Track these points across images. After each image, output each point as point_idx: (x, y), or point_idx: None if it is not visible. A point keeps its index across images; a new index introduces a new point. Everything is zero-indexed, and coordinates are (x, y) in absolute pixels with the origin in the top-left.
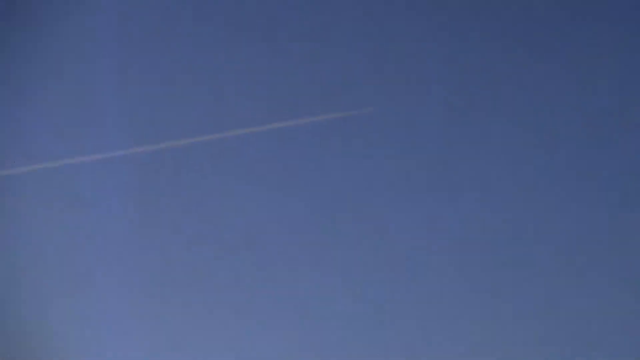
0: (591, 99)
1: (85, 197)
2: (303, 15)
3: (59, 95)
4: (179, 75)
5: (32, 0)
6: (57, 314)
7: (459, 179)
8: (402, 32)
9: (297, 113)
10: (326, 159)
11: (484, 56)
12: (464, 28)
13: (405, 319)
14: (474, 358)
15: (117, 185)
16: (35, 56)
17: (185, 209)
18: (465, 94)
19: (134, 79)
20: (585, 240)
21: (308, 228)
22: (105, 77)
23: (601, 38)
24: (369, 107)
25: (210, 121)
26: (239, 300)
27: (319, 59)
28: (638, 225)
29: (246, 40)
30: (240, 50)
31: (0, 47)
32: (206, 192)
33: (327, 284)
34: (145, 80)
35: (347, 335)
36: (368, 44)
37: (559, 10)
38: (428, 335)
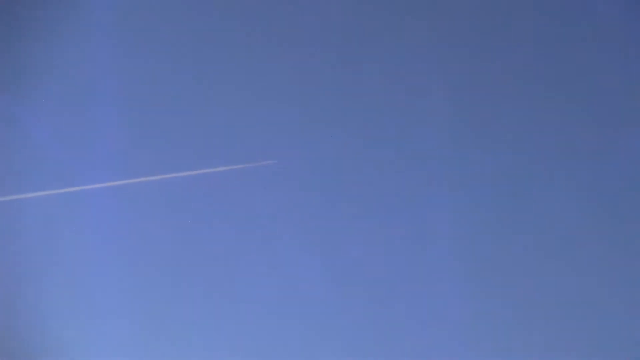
0: (591, 101)
1: (79, 226)
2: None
3: (56, 124)
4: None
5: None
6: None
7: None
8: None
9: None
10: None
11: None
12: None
13: (404, 318)
14: (473, 357)
15: (109, 215)
16: (35, 90)
17: (174, 240)
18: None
19: (131, 112)
20: (585, 239)
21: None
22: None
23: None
24: (270, 159)
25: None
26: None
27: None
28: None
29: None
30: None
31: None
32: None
33: None
34: (142, 114)
35: (346, 333)
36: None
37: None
38: (427, 334)
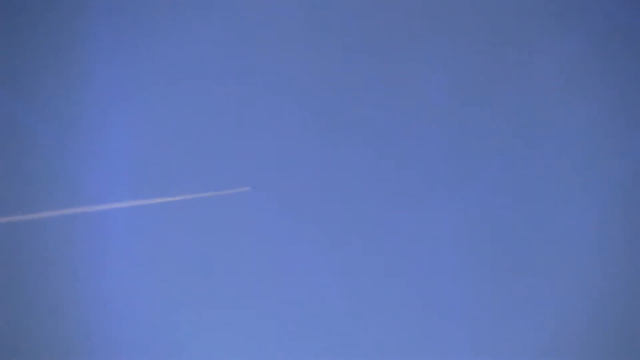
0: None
1: (94, 244)
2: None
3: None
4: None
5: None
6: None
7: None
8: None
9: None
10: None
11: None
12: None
13: (407, 319)
14: (474, 357)
15: (124, 235)
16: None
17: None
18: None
19: (144, 133)
20: (589, 240)
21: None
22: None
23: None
24: (246, 186)
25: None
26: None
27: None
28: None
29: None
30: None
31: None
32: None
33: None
34: (155, 135)
35: (348, 333)
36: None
37: None
38: (429, 333)
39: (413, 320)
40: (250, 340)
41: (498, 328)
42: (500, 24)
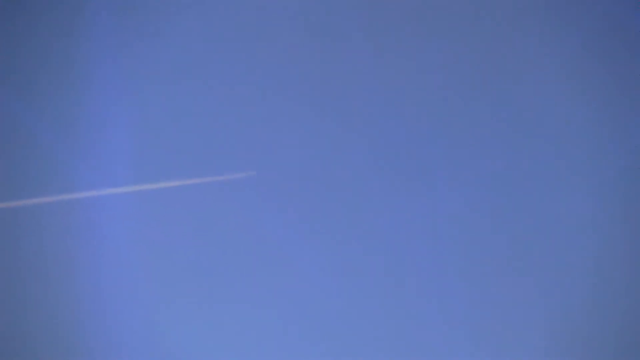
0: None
1: (88, 231)
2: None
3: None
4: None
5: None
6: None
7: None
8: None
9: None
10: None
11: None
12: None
13: (406, 314)
14: (474, 353)
15: (119, 221)
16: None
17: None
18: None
19: (142, 117)
20: (582, 235)
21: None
22: (113, 113)
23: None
24: (251, 170)
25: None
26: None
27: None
28: (638, 224)
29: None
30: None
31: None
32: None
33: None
34: (153, 118)
35: (348, 328)
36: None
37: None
38: (428, 329)
39: (413, 315)
40: (251, 332)
41: (499, 325)
42: (500, 23)
